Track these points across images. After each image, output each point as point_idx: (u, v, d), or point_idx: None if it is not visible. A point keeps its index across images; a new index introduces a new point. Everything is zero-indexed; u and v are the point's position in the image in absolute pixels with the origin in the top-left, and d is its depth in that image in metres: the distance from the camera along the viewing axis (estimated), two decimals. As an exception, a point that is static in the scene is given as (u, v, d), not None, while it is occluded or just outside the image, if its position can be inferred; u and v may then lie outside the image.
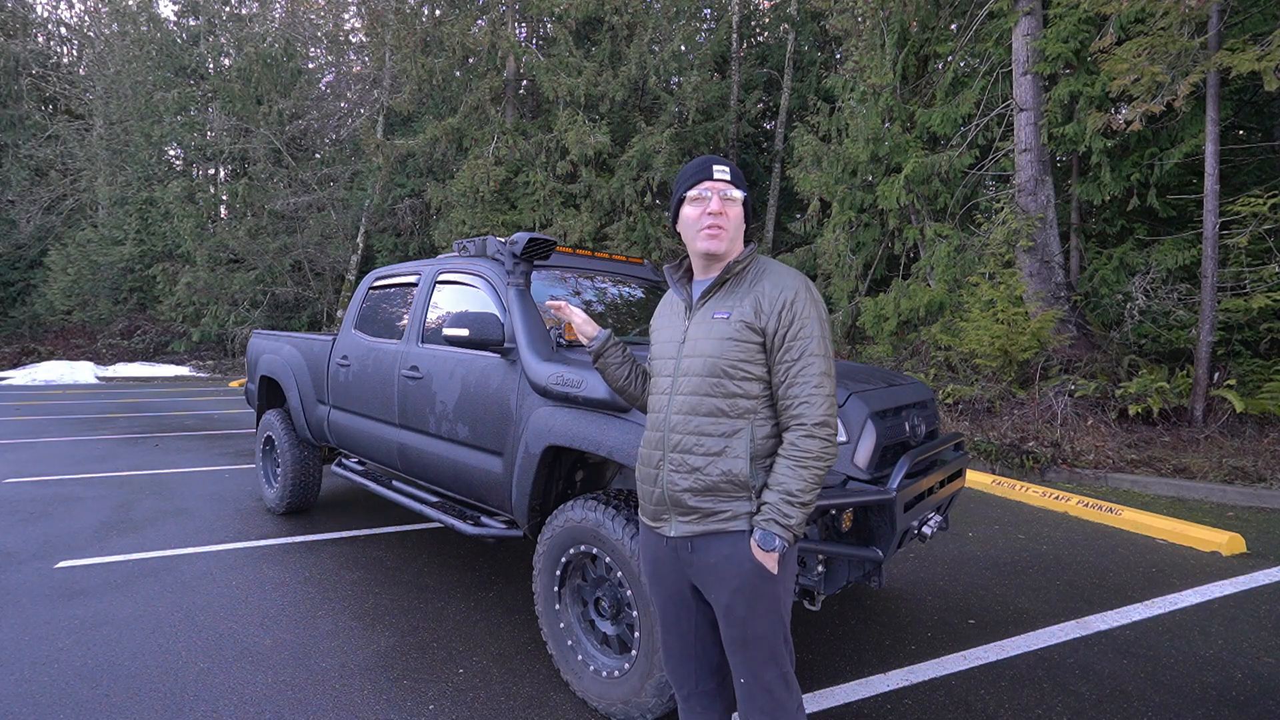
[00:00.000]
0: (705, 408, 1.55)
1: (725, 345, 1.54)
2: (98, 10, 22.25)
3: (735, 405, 1.54)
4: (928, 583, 3.74)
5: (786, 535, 1.48)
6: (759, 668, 1.54)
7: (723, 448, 1.54)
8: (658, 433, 1.63)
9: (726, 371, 1.54)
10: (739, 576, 1.52)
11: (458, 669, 2.70)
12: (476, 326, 2.77)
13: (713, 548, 1.55)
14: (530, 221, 14.56)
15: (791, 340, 1.51)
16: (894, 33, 9.81)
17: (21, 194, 19.68)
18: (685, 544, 1.58)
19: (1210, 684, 2.69)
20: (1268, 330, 7.27)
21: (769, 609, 1.53)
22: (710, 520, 1.54)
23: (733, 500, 1.53)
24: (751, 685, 1.55)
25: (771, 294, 1.54)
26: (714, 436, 1.54)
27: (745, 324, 1.54)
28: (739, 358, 1.54)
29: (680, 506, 1.57)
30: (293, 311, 19.22)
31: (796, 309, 1.52)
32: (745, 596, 1.52)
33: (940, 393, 8.08)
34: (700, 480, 1.54)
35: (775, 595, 1.53)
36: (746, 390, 1.54)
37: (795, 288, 1.55)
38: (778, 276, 1.58)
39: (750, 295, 1.56)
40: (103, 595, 3.35)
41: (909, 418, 2.60)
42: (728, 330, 1.55)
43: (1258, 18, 7.03)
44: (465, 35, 15.07)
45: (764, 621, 1.53)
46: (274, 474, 4.86)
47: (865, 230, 11.21)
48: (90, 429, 8.58)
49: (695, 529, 1.56)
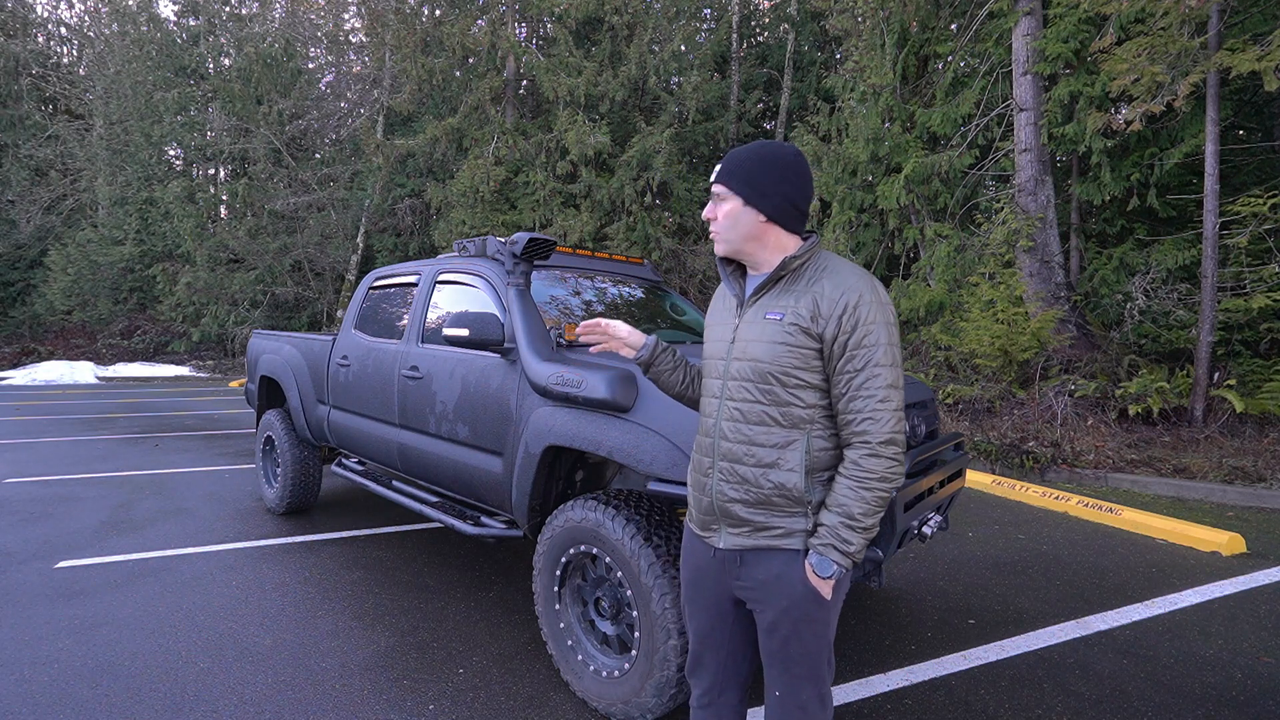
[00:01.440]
0: (755, 415, 1.43)
1: (776, 349, 1.41)
2: (98, 10, 22.25)
3: (789, 414, 1.41)
4: (928, 583, 3.74)
5: (845, 562, 1.37)
6: (797, 685, 1.47)
7: (775, 459, 1.42)
8: (708, 439, 1.52)
9: (778, 378, 1.41)
10: (789, 598, 1.43)
11: (458, 669, 2.70)
12: (476, 326, 2.77)
13: (763, 564, 1.45)
14: (530, 221, 14.56)
15: (855, 349, 1.36)
16: (894, 33, 9.81)
17: (21, 194, 19.68)
18: (735, 557, 1.48)
19: (1210, 684, 2.69)
20: (1268, 330, 7.27)
21: (816, 633, 1.45)
22: (763, 535, 1.44)
23: (787, 516, 1.43)
24: (786, 700, 1.48)
25: (832, 295, 1.38)
26: (765, 447, 1.43)
27: (800, 328, 1.39)
28: (791, 364, 1.40)
29: (730, 517, 1.48)
30: (293, 311, 19.22)
31: (861, 314, 1.36)
32: (792, 618, 1.43)
33: (940, 393, 8.08)
34: (751, 492, 1.44)
35: (824, 620, 1.45)
36: (801, 399, 1.41)
37: (860, 289, 1.38)
38: (840, 275, 1.41)
39: (808, 295, 1.41)
40: (103, 595, 3.35)
41: (909, 418, 2.60)
42: (779, 333, 1.41)
43: (1258, 18, 7.03)
44: (465, 35, 15.07)
45: (809, 643, 1.45)
46: (274, 474, 4.86)
47: (865, 230, 11.22)
48: (90, 429, 8.58)
49: (747, 542, 1.46)
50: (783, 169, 1.46)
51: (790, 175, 1.46)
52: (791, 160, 1.47)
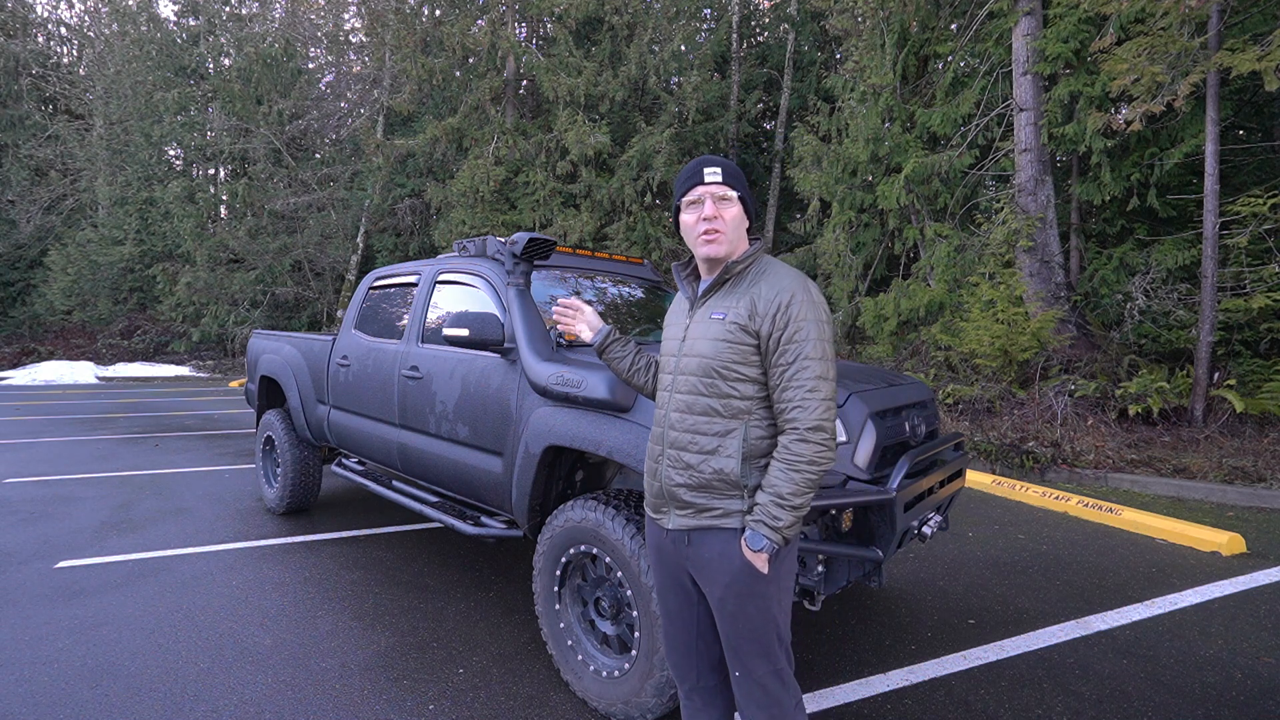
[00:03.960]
0: (699, 407, 1.57)
1: (719, 346, 1.55)
2: (98, 10, 22.26)
3: (729, 405, 1.55)
4: (928, 583, 3.74)
5: (775, 537, 1.49)
6: (750, 662, 1.56)
7: (716, 446, 1.55)
8: (659, 428, 1.67)
9: (720, 372, 1.55)
10: (730, 574, 1.54)
11: (458, 669, 2.70)
12: (476, 326, 2.78)
13: (707, 543, 1.58)
14: (530, 221, 14.56)
15: (786, 343, 1.50)
16: (894, 33, 9.81)
17: (21, 194, 19.68)
18: (683, 537, 1.61)
19: (1210, 684, 2.69)
20: (1268, 330, 7.27)
21: (759, 607, 1.55)
22: (704, 516, 1.57)
23: (726, 498, 1.55)
24: (745, 679, 1.58)
25: (768, 296, 1.53)
26: (708, 435, 1.56)
27: (739, 326, 1.54)
28: (731, 359, 1.54)
29: (676, 500, 1.61)
30: (293, 311, 19.22)
31: (792, 312, 1.51)
32: (735, 593, 1.54)
33: (940, 393, 8.08)
34: (694, 477, 1.57)
35: (765, 594, 1.55)
36: (740, 391, 1.55)
37: (792, 290, 1.53)
38: (775, 278, 1.56)
39: (747, 296, 1.56)
40: (103, 595, 3.35)
41: (909, 418, 2.60)
42: (722, 331, 1.55)
43: (1258, 18, 7.03)
44: (465, 35, 15.06)
45: (754, 618, 1.55)
46: (274, 474, 4.86)
47: (865, 230, 11.22)
48: (90, 429, 8.58)
49: (691, 523, 1.59)
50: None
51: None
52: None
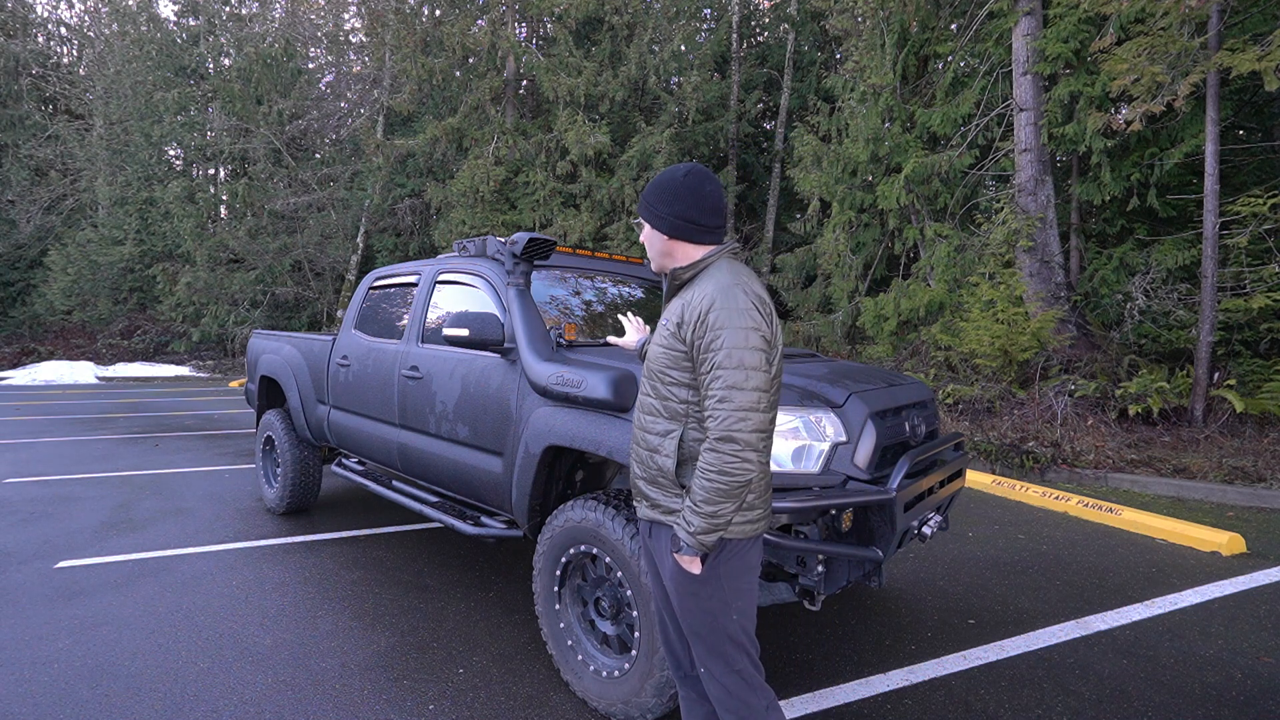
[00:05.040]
0: (647, 406, 1.66)
1: (658, 351, 1.62)
2: (98, 10, 22.25)
3: (668, 407, 1.60)
4: (928, 583, 3.74)
5: (690, 540, 1.49)
6: (706, 661, 1.60)
7: (658, 445, 1.61)
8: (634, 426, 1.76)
9: (659, 375, 1.61)
10: (667, 570, 1.62)
11: (458, 669, 2.70)
12: (476, 326, 2.77)
13: (658, 536, 1.65)
14: (530, 221, 14.56)
15: (704, 352, 1.49)
16: (894, 33, 9.81)
17: (21, 194, 19.67)
18: (646, 528, 1.70)
19: (1210, 684, 2.69)
20: (1268, 330, 7.26)
21: (700, 607, 1.56)
22: (656, 510, 1.63)
23: (670, 496, 1.60)
24: (707, 677, 1.61)
25: (694, 303, 1.53)
26: (653, 434, 1.63)
27: (670, 333, 1.58)
28: (666, 364, 1.59)
29: (638, 492, 1.68)
30: (293, 311, 19.21)
31: (709, 319, 1.48)
32: (675, 590, 1.60)
33: (940, 393, 8.08)
34: (646, 471, 1.64)
35: (701, 595, 1.56)
36: (675, 395, 1.59)
37: (712, 297, 1.50)
38: (703, 285, 1.56)
39: (680, 303, 1.59)
40: (103, 595, 3.34)
41: (909, 418, 2.60)
42: (662, 338, 1.62)
43: (1258, 18, 7.02)
44: (465, 35, 15.06)
45: (695, 616, 1.58)
46: (274, 474, 4.86)
47: (865, 230, 11.21)
48: (90, 429, 8.58)
49: (649, 515, 1.66)
50: (673, 191, 1.63)
51: (681, 194, 1.62)
52: (681, 181, 1.63)
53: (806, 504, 2.03)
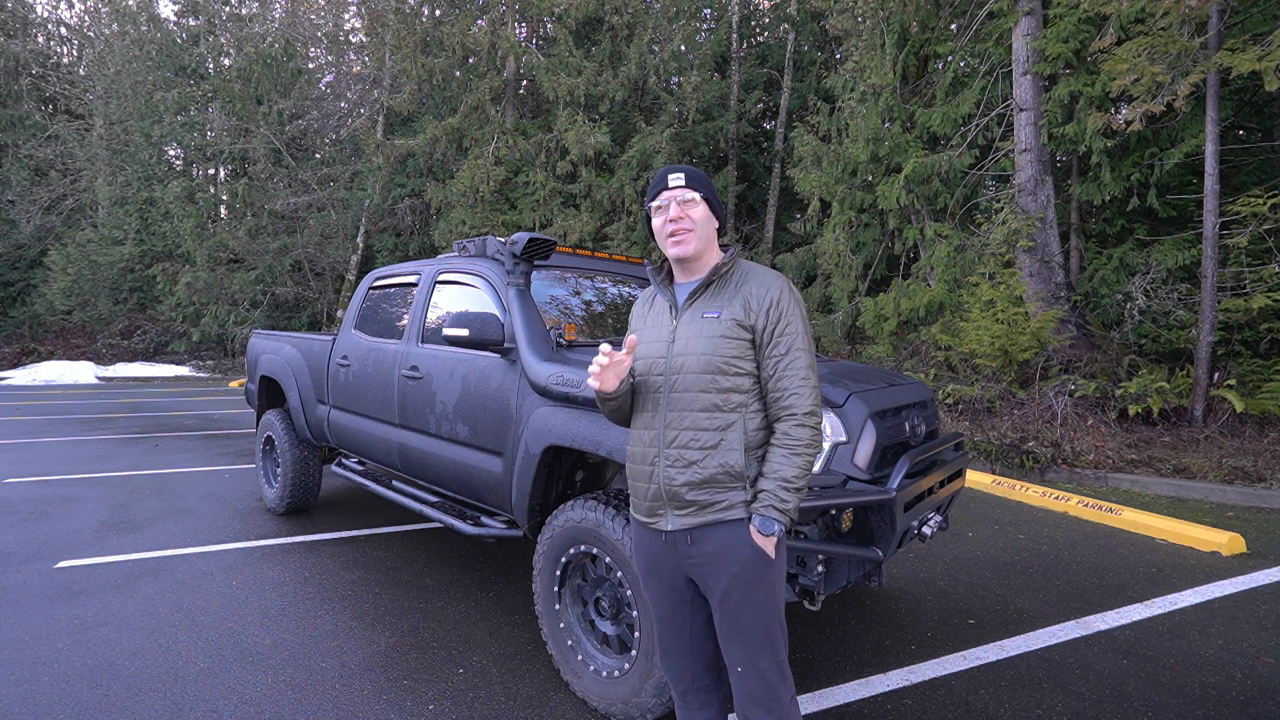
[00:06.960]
0: (701, 404, 1.61)
1: (718, 343, 1.61)
2: (98, 10, 22.25)
3: (729, 400, 1.61)
4: (928, 583, 3.74)
5: (784, 520, 1.56)
6: (755, 654, 1.58)
7: (718, 441, 1.60)
8: (651, 431, 1.67)
9: (721, 368, 1.60)
10: (739, 562, 1.57)
11: (458, 669, 2.70)
12: (476, 326, 2.77)
13: (711, 537, 1.60)
14: (530, 221, 14.56)
15: (779, 336, 1.60)
16: (894, 33, 9.81)
17: (21, 194, 19.67)
18: (684, 537, 1.63)
19: (1210, 684, 2.69)
20: (1268, 330, 7.26)
21: (766, 594, 1.59)
22: (708, 511, 1.60)
23: (729, 491, 1.59)
24: (748, 673, 1.59)
25: (759, 293, 1.63)
26: (709, 431, 1.60)
27: (736, 322, 1.61)
28: (731, 354, 1.60)
29: (677, 500, 1.62)
30: (293, 311, 19.21)
31: (783, 307, 1.62)
32: (744, 582, 1.58)
33: (940, 393, 8.08)
34: (697, 473, 1.60)
35: (772, 580, 1.60)
36: (739, 385, 1.61)
37: (780, 287, 1.64)
38: (762, 277, 1.67)
39: (739, 295, 1.64)
40: (103, 595, 3.34)
41: (909, 418, 2.60)
42: (719, 329, 1.62)
43: (1258, 18, 7.02)
44: (465, 35, 15.06)
45: (761, 607, 1.58)
46: (274, 474, 4.86)
47: (865, 230, 11.21)
48: (90, 429, 8.58)
49: (693, 521, 1.61)
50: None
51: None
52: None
53: (806, 504, 2.03)
